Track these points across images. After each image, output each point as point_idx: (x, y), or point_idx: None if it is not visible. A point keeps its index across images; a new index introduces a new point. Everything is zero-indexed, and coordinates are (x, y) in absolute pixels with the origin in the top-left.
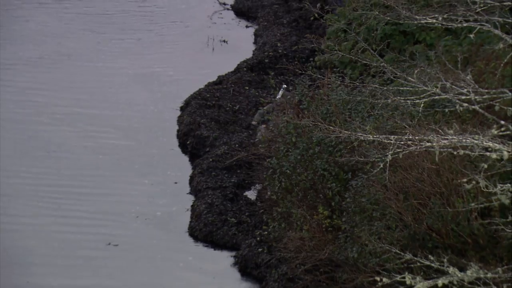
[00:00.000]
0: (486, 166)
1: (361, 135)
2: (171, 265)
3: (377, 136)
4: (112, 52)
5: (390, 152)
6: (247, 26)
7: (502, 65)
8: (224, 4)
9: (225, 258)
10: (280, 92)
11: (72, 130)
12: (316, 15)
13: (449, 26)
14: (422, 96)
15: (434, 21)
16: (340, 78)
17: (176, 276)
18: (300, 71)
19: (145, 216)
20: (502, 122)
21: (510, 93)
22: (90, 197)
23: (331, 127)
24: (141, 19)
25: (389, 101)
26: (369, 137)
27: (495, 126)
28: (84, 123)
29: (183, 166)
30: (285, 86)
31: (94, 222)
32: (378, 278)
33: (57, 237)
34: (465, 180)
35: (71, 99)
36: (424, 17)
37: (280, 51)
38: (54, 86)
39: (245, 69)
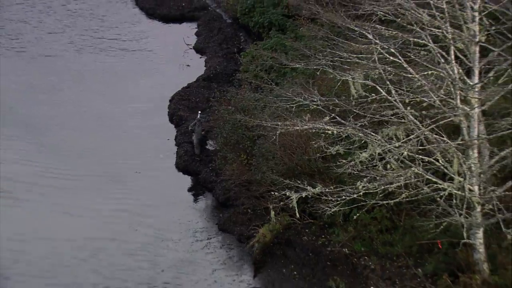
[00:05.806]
0: (324, 135)
1: (263, 122)
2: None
3: (271, 122)
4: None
5: (278, 132)
6: (200, 57)
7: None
8: (189, 44)
9: (193, 178)
10: (198, 116)
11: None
12: (237, 54)
13: (307, 67)
14: (293, 102)
15: (299, 66)
16: (250, 86)
17: (171, 182)
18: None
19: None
20: (332, 115)
21: (336, 100)
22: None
23: (248, 118)
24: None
25: (277, 104)
26: (268, 124)
27: (328, 116)
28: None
29: (172, 131)
30: (200, 112)
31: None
32: (273, 193)
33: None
34: (313, 142)
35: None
36: (294, 64)
37: (219, 70)
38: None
39: (201, 80)
